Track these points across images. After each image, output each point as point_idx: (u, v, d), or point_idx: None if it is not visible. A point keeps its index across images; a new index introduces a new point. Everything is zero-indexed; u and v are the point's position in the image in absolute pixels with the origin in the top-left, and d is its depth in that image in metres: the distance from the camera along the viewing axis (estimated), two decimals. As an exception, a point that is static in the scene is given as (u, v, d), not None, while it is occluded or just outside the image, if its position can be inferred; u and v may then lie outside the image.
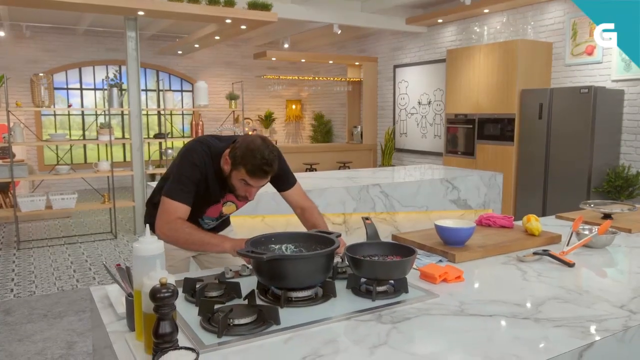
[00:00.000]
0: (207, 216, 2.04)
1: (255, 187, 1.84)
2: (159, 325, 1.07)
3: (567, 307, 1.43)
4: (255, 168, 1.75)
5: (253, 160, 1.74)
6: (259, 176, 1.78)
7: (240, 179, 1.81)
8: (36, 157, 9.82)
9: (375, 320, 1.34)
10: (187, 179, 1.85)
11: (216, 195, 1.96)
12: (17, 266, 5.10)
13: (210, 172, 1.89)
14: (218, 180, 1.91)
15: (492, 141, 6.51)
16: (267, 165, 1.75)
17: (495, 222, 2.27)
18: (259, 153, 1.74)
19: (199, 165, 1.86)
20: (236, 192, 1.88)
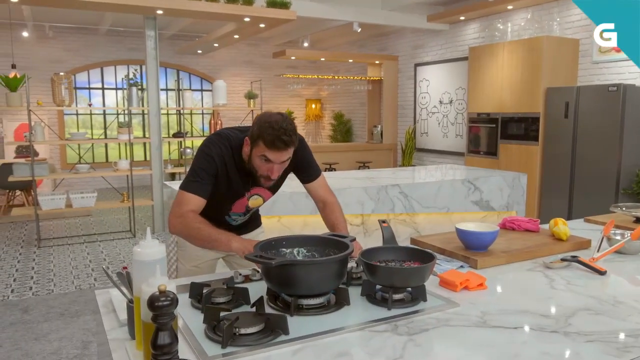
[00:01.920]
0: (234, 212, 1.97)
1: (276, 163, 1.75)
2: (157, 335, 1.00)
3: (599, 319, 1.32)
4: (273, 138, 1.68)
5: (271, 131, 1.68)
6: (277, 147, 1.69)
7: (260, 155, 1.74)
8: (59, 155, 9.94)
9: (391, 331, 1.25)
10: (202, 170, 1.80)
11: (240, 189, 1.89)
12: (37, 264, 5.13)
13: (230, 164, 1.83)
14: (241, 173, 1.85)
15: (516, 141, 6.34)
16: (286, 135, 1.68)
17: (520, 225, 2.16)
18: (277, 124, 1.69)
19: (215, 157, 1.81)
20: (258, 174, 1.79)
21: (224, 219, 1.96)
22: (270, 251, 1.48)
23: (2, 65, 8.77)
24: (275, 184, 1.97)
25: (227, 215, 1.97)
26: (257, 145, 1.73)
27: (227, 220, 1.98)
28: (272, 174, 1.77)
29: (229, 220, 1.99)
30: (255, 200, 1.96)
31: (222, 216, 1.95)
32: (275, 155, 1.72)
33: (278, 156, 1.73)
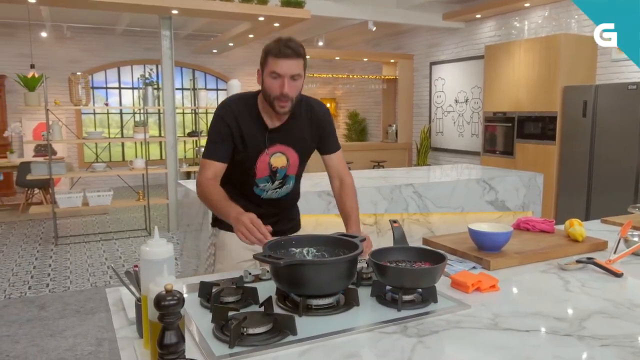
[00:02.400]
0: (260, 178, 1.90)
1: (286, 77, 1.73)
2: (164, 335, 1.00)
3: (615, 323, 1.29)
4: (279, 47, 1.71)
5: (276, 44, 1.73)
6: (285, 54, 1.70)
7: (270, 73, 1.74)
8: (76, 154, 10.07)
9: (400, 332, 1.24)
10: (214, 133, 1.85)
11: (259, 143, 1.85)
12: (54, 261, 5.20)
13: (244, 117, 1.84)
14: (257, 125, 1.85)
15: (533, 140, 6.26)
16: (292, 43, 1.72)
17: (535, 226, 2.12)
18: (282, 39, 1.74)
19: (224, 115, 1.84)
20: (272, 98, 1.76)
21: (252, 190, 1.92)
22: (279, 251, 1.47)
23: (22, 65, 8.90)
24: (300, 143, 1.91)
25: (255, 185, 1.91)
26: (266, 64, 1.75)
27: (256, 191, 1.93)
28: (284, 88, 1.73)
29: (258, 192, 1.93)
30: (278, 158, 1.89)
31: (250, 186, 1.91)
32: (284, 64, 1.72)
33: (286, 66, 1.72)
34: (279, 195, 1.96)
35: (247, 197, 1.92)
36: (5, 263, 5.11)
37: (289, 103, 1.78)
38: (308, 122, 1.94)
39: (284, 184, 1.96)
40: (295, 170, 1.96)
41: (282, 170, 1.91)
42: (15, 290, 4.34)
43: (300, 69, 1.76)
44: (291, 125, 1.89)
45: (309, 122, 1.94)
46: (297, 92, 1.79)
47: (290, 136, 1.89)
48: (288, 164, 1.92)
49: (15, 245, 5.81)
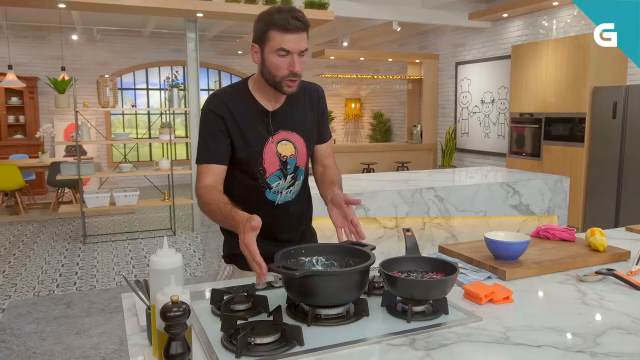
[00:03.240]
0: (271, 176, 1.69)
1: (295, 53, 1.53)
2: (170, 345, 1.02)
3: (630, 339, 1.26)
4: (287, 17, 1.50)
5: (281, 14, 1.51)
6: (294, 26, 1.50)
7: (275, 50, 1.53)
8: (106, 154, 10.29)
9: (408, 345, 1.23)
10: (205, 131, 1.64)
11: (262, 131, 1.65)
12: (82, 260, 5.33)
13: (238, 106, 1.63)
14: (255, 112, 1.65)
15: (560, 142, 6.13)
16: (297, 12, 1.52)
17: (555, 234, 2.07)
18: (283, 7, 1.53)
19: (214, 107, 1.63)
20: (278, 78, 1.57)
21: (265, 197, 1.71)
22: (289, 260, 1.47)
23: (53, 68, 9.16)
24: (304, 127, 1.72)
25: (267, 186, 1.70)
26: (269, 38, 1.53)
27: (269, 197, 1.71)
28: (295, 66, 1.54)
29: (272, 197, 1.72)
30: (285, 145, 1.69)
31: (261, 191, 1.70)
32: (293, 39, 1.52)
33: (296, 41, 1.52)
34: (293, 195, 1.76)
35: (260, 209, 1.57)
36: (35, 261, 5.26)
37: (298, 81, 1.60)
38: (309, 105, 1.77)
39: (295, 179, 1.75)
40: (304, 160, 1.76)
41: (292, 160, 1.70)
42: (44, 288, 4.46)
43: (306, 42, 1.57)
44: (291, 107, 1.71)
45: (309, 104, 1.77)
46: (304, 67, 1.60)
47: (292, 120, 1.71)
48: (296, 151, 1.71)
49: (45, 243, 5.97)
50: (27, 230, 6.65)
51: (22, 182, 7.23)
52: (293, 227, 1.81)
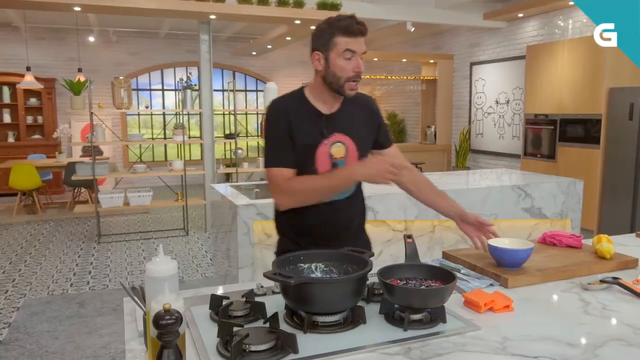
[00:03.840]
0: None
1: (358, 53, 1.68)
2: (162, 353, 1.03)
3: (631, 351, 1.24)
4: (349, 23, 1.65)
5: (344, 21, 1.66)
6: (358, 30, 1.66)
7: (342, 52, 1.66)
8: (121, 154, 10.41)
9: (403, 354, 1.22)
10: (274, 139, 1.75)
11: (317, 135, 1.74)
12: (96, 259, 5.40)
13: (296, 110, 1.75)
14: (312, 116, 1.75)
15: (576, 144, 6.05)
16: (355, 18, 1.68)
17: (561, 241, 2.05)
18: (343, 15, 1.68)
19: (276, 115, 1.75)
20: (343, 80, 1.69)
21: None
22: (288, 267, 1.48)
23: (71, 69, 9.30)
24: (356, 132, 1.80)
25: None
26: (334, 43, 1.66)
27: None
28: (359, 67, 1.68)
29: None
30: (338, 148, 1.77)
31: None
32: (357, 42, 1.67)
33: (360, 43, 1.68)
34: (342, 195, 1.81)
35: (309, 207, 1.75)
36: (50, 260, 5.35)
37: (358, 84, 1.74)
38: (362, 113, 1.87)
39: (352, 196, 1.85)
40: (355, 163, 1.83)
41: (342, 162, 1.78)
42: (58, 287, 4.54)
43: (365, 46, 1.73)
44: (345, 112, 1.81)
45: (362, 112, 1.87)
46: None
47: (346, 124, 1.80)
48: (347, 154, 1.79)
49: (60, 242, 6.06)
50: (43, 229, 6.76)
51: (39, 181, 7.36)
52: (342, 229, 1.84)
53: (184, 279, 4.79)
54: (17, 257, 5.45)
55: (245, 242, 3.30)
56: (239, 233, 3.29)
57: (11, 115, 9.45)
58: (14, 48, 9.44)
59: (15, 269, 5.04)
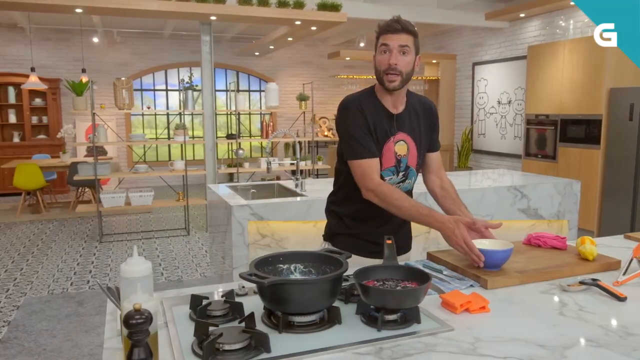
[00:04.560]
0: (386, 170, 1.93)
1: (394, 48, 1.80)
2: (132, 351, 1.06)
3: (600, 352, 1.25)
4: (388, 22, 1.82)
5: (385, 22, 1.85)
6: (393, 28, 1.80)
7: (380, 46, 1.83)
8: (125, 154, 10.49)
9: (374, 354, 1.24)
10: (356, 129, 1.87)
11: (385, 130, 1.90)
12: (97, 259, 5.46)
13: (366, 105, 1.90)
14: (380, 113, 1.90)
15: (576, 144, 6.04)
16: (400, 19, 1.83)
17: (546, 242, 2.06)
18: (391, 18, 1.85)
19: (355, 108, 1.89)
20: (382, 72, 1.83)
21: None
22: (267, 267, 1.50)
23: (75, 69, 9.38)
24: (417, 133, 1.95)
25: (381, 177, 1.92)
26: (378, 42, 1.84)
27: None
28: (391, 59, 1.79)
29: None
30: (401, 146, 1.93)
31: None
32: (391, 37, 1.80)
33: (394, 38, 1.80)
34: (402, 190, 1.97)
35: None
36: (52, 259, 5.41)
37: (399, 77, 1.82)
38: (423, 116, 2.00)
39: (406, 178, 1.99)
40: (415, 162, 1.98)
41: (404, 159, 1.94)
42: (58, 286, 4.59)
43: (409, 41, 1.82)
44: (409, 113, 1.96)
45: (423, 115, 2.01)
46: (406, 67, 1.83)
47: (410, 124, 1.95)
48: (408, 152, 1.94)
49: (63, 242, 6.13)
50: (46, 228, 6.83)
51: (42, 181, 7.43)
52: (396, 223, 2.00)
53: (183, 278, 4.83)
54: (20, 256, 5.52)
55: (240, 242, 3.34)
56: (233, 233, 3.32)
57: (16, 115, 9.55)
58: (20, 49, 9.53)
59: (17, 268, 5.10)
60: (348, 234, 2.01)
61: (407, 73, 1.84)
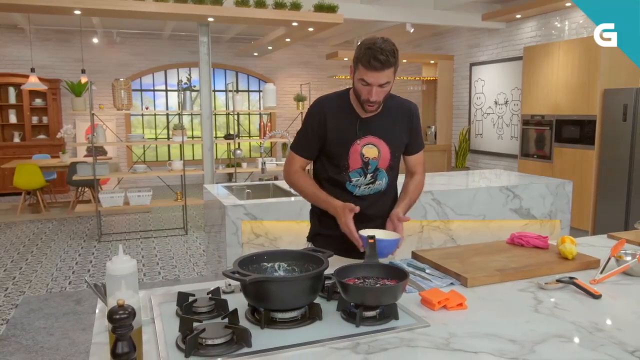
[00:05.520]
0: (353, 171, 1.97)
1: (373, 85, 1.81)
2: (116, 344, 1.10)
3: (567, 347, 1.30)
4: (369, 57, 1.76)
5: (367, 52, 1.77)
6: (374, 67, 1.77)
7: (359, 79, 1.83)
8: (125, 154, 10.55)
9: (351, 349, 1.29)
10: (304, 129, 2.00)
11: (351, 133, 1.94)
12: (95, 258, 5.51)
13: (334, 108, 1.95)
14: (349, 115, 1.95)
15: (571, 144, 6.08)
16: (382, 55, 1.75)
17: (529, 241, 2.11)
18: (375, 45, 1.77)
19: (316, 111, 1.96)
20: (361, 99, 1.87)
21: (345, 187, 2.00)
22: (251, 265, 1.55)
23: (75, 70, 9.44)
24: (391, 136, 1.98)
25: (348, 179, 1.98)
26: (357, 68, 1.83)
27: (349, 187, 2.00)
28: (371, 96, 1.82)
29: (351, 188, 2.00)
30: (370, 149, 1.96)
31: (343, 181, 1.99)
32: (372, 76, 1.79)
33: (375, 77, 1.79)
34: (371, 191, 2.02)
35: (340, 195, 1.98)
36: (51, 258, 5.47)
37: (376, 106, 1.89)
38: (399, 117, 2.02)
39: (375, 179, 2.01)
40: (386, 164, 2.01)
41: (374, 162, 1.97)
42: (56, 285, 4.65)
43: (389, 77, 1.83)
44: (382, 117, 1.97)
45: (400, 117, 2.02)
46: (385, 95, 1.89)
47: (381, 128, 1.96)
48: (379, 155, 1.97)
49: (62, 241, 6.19)
50: (46, 228, 6.89)
51: (42, 181, 7.49)
52: (370, 220, 2.00)
53: (180, 277, 4.88)
54: (19, 256, 5.58)
55: (234, 241, 3.39)
56: (227, 233, 3.37)
57: (17, 115, 9.61)
58: (20, 49, 9.59)
59: (17, 267, 5.16)
60: (327, 234, 2.05)
61: (385, 99, 1.91)
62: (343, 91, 2.02)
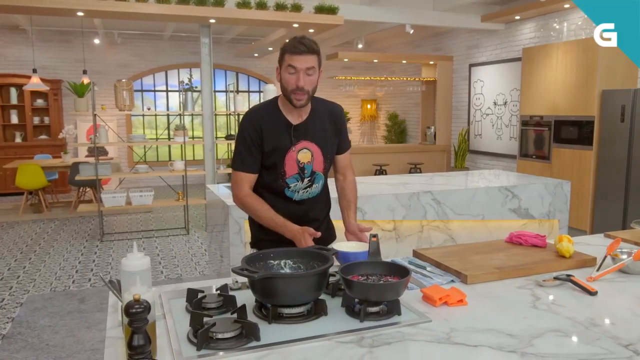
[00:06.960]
0: (290, 177, 2.00)
1: (301, 69, 1.87)
2: (132, 337, 1.16)
3: (564, 341, 1.35)
4: (294, 43, 1.86)
5: (292, 41, 1.88)
6: (299, 50, 1.85)
7: (286, 67, 1.88)
8: (126, 154, 10.59)
9: (356, 342, 1.34)
10: (241, 144, 1.98)
11: (285, 142, 1.97)
12: (98, 257, 5.56)
13: (267, 119, 1.97)
14: (282, 125, 1.97)
15: (569, 145, 6.13)
16: (304, 39, 1.87)
17: (527, 240, 2.16)
18: (297, 37, 1.90)
19: (247, 124, 1.97)
20: (289, 92, 1.90)
21: (284, 194, 2.02)
22: (258, 263, 1.60)
23: (77, 71, 9.48)
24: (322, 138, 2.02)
25: (286, 186, 2.00)
26: (283, 60, 1.90)
27: (288, 194, 2.02)
28: (299, 81, 1.87)
29: (290, 194, 2.03)
30: (304, 154, 2.00)
31: (281, 188, 2.01)
32: (298, 59, 1.86)
33: (301, 60, 1.86)
34: (310, 195, 2.07)
35: (280, 202, 2.01)
36: (54, 258, 5.51)
37: (305, 96, 1.91)
38: (327, 119, 2.08)
39: (312, 183, 2.05)
40: (321, 167, 2.06)
41: (309, 165, 2.02)
42: (60, 284, 4.69)
43: (314, 62, 1.90)
44: (312, 121, 2.03)
45: (328, 119, 2.08)
46: (312, 85, 1.92)
47: (312, 132, 2.02)
48: (313, 159, 2.02)
49: (65, 241, 6.23)
50: (48, 228, 6.94)
51: (44, 181, 7.53)
52: (311, 222, 2.05)
53: (182, 276, 4.93)
54: (22, 255, 5.62)
55: (237, 240, 3.44)
56: (230, 232, 3.42)
57: (18, 116, 9.65)
58: (22, 50, 9.64)
59: (20, 266, 5.21)
60: (269, 239, 2.02)
61: (312, 90, 1.94)
62: (271, 100, 2.05)
